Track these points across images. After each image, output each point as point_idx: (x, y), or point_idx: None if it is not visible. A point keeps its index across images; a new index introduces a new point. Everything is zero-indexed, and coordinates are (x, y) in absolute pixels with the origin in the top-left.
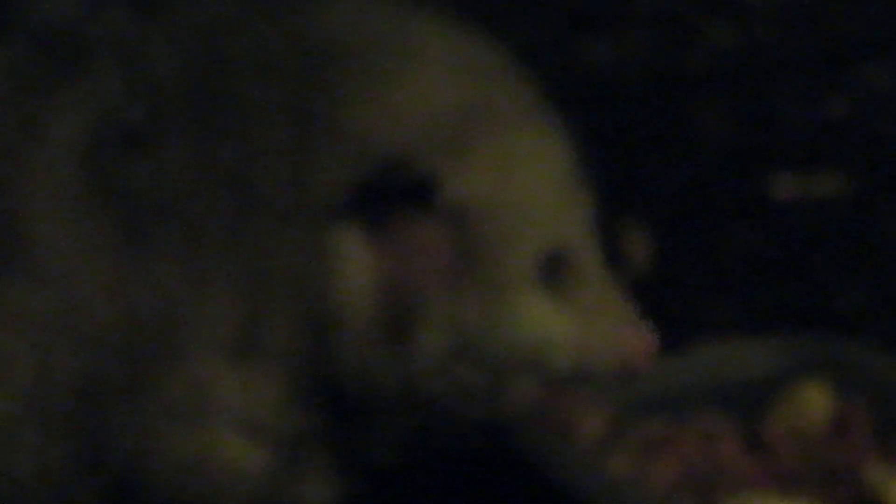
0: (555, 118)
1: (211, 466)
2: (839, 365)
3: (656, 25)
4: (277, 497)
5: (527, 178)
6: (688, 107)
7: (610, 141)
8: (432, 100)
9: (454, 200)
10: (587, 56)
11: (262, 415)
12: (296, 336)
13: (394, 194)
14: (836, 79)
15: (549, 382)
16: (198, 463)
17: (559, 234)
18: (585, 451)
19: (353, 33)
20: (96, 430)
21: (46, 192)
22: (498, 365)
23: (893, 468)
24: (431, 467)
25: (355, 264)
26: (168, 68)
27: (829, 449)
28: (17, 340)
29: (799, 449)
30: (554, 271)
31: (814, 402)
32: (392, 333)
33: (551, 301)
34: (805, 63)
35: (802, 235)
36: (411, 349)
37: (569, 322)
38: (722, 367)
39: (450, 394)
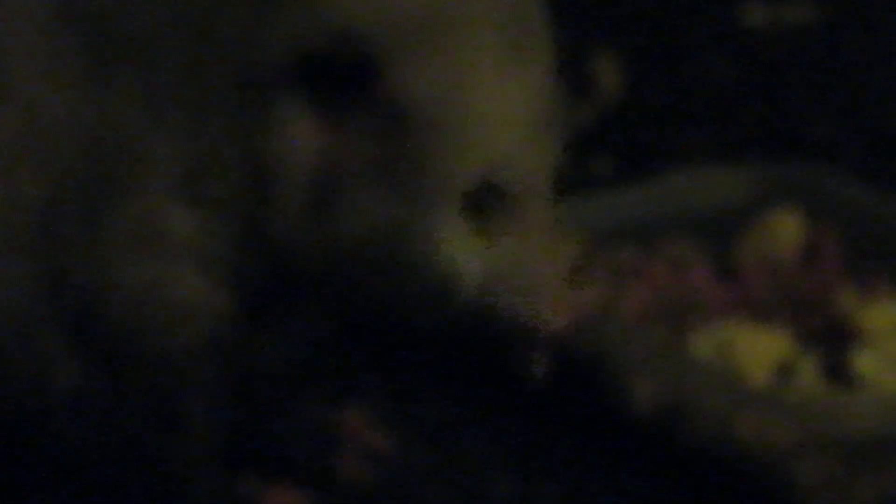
0: (545, 51)
1: (167, 299)
2: (810, 192)
3: None
4: (232, 344)
5: (480, 98)
6: None
7: None
8: None
9: (397, 94)
10: None
11: (215, 255)
12: (238, 190)
13: (338, 70)
14: None
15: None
16: (154, 294)
17: (501, 164)
18: (554, 282)
19: None
20: (56, 256)
21: (14, 15)
22: (402, 274)
23: (864, 295)
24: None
25: (294, 133)
26: None
27: (801, 276)
28: None
29: (770, 277)
30: (485, 200)
31: (785, 230)
32: (318, 209)
33: (471, 228)
34: None
35: (774, 63)
36: (332, 229)
37: (482, 255)
38: (693, 195)
39: (364, 282)
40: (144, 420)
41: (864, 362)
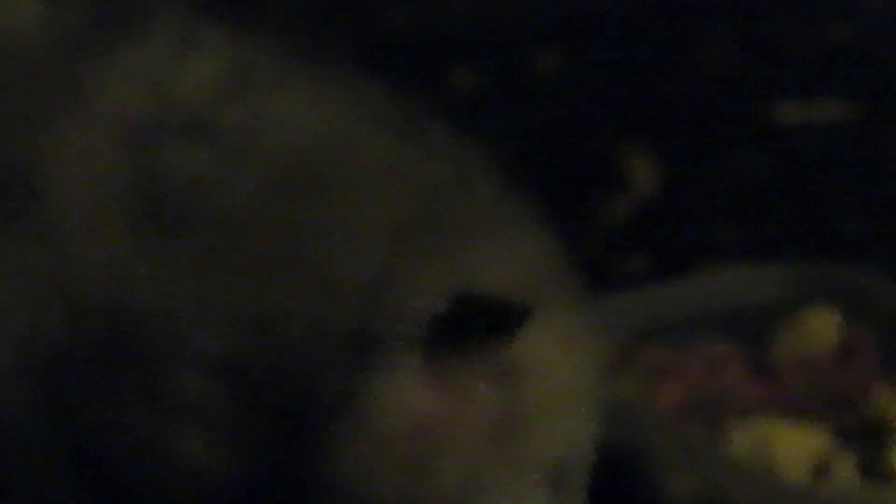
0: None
1: (167, 454)
2: (845, 290)
3: None
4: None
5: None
6: (692, 34)
7: (617, 69)
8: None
9: (518, 356)
10: None
11: (222, 421)
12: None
13: (458, 331)
14: (839, 5)
15: None
16: (154, 450)
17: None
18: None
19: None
20: (66, 391)
21: (76, 158)
22: None
23: None
24: None
25: (404, 394)
26: None
27: (836, 375)
28: (11, 293)
29: (805, 375)
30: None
31: (820, 328)
32: (417, 467)
33: None
34: None
35: (807, 161)
36: (429, 487)
37: None
38: (728, 293)
39: None
40: None
41: None
